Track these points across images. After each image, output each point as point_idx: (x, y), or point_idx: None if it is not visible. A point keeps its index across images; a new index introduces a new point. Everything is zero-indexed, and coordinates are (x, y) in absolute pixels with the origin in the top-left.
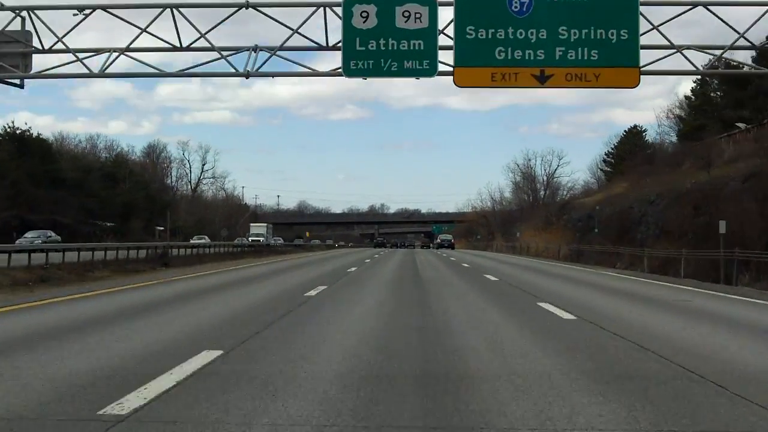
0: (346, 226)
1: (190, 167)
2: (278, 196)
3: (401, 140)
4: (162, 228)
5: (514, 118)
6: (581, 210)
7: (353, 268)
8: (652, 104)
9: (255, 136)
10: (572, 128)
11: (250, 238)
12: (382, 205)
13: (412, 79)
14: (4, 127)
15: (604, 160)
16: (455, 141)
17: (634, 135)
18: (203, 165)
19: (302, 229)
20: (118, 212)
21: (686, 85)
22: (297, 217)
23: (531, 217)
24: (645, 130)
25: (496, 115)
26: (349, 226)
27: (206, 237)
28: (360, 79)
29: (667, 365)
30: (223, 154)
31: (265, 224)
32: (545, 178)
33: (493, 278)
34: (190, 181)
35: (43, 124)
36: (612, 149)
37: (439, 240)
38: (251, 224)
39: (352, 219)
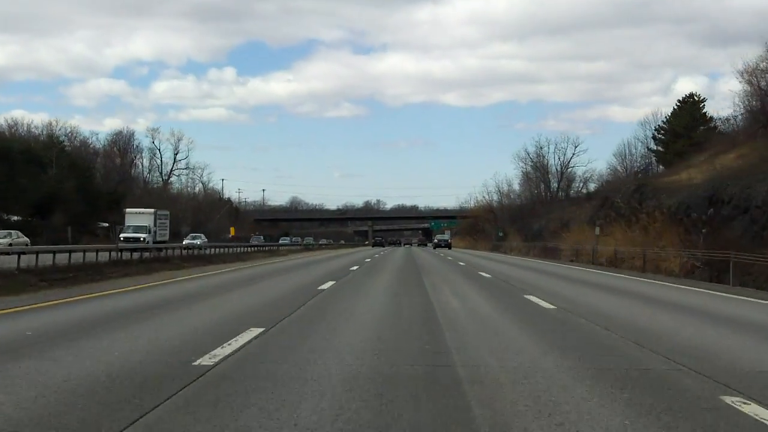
0: (339, 223)
1: (161, 157)
2: (263, 190)
3: (397, 137)
4: (107, 224)
5: (510, 114)
6: (680, 193)
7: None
8: (648, 101)
9: (251, 134)
10: (568, 125)
11: (121, 236)
12: (378, 201)
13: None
14: None
15: (654, 137)
16: (453, 138)
17: (690, 106)
18: (175, 154)
19: (291, 226)
20: (36, 204)
21: (683, 82)
22: (286, 213)
23: (548, 210)
24: (704, 100)
25: (493, 112)
26: (343, 223)
27: (17, 233)
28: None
29: None
30: (219, 151)
31: (152, 210)
32: (559, 168)
33: None
34: (161, 173)
35: (36, 122)
36: (663, 124)
37: (436, 240)
38: (126, 210)
39: (345, 215)
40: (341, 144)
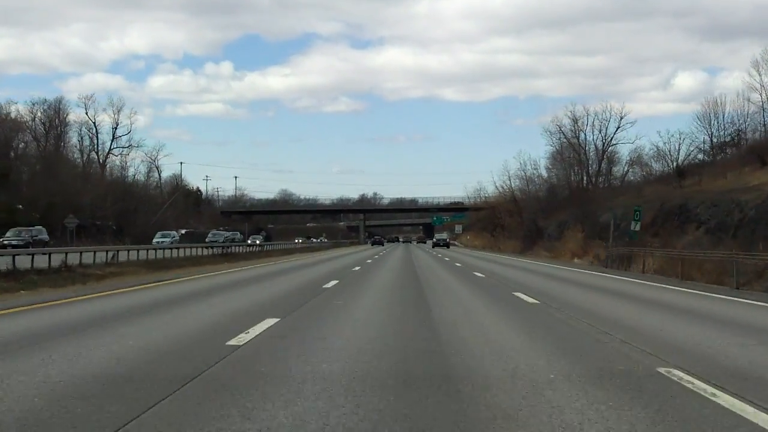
0: (332, 218)
1: (97, 132)
2: (236, 178)
3: (396, 132)
4: None
5: (509, 110)
6: None
7: None
8: (646, 96)
9: (248, 129)
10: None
11: None
12: (374, 194)
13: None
14: None
15: None
16: (452, 133)
17: None
18: (114, 129)
19: (273, 220)
20: None
21: (681, 77)
22: (263, 206)
23: (608, 196)
24: None
25: (491, 107)
26: (336, 218)
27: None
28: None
29: None
30: (216, 146)
31: None
32: (601, 145)
33: None
34: (96, 150)
35: None
36: None
37: (435, 239)
38: None
39: (337, 207)
40: (340, 139)
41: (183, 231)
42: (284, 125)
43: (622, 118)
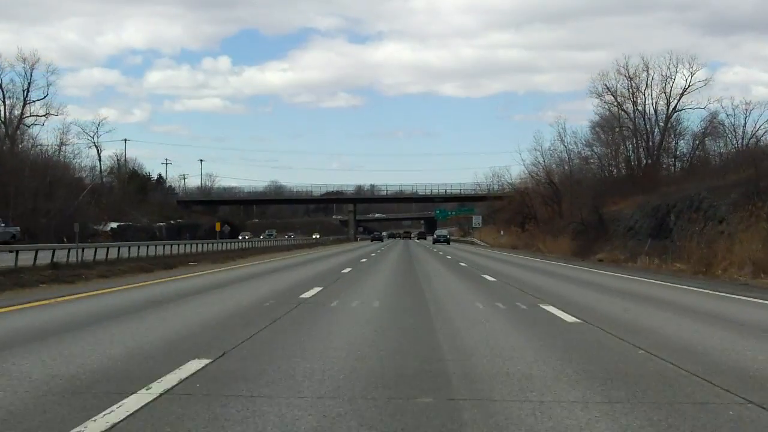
0: (324, 212)
1: (3, 95)
2: (201, 161)
3: (396, 127)
4: None
5: (508, 106)
6: None
7: None
8: (646, 91)
9: (246, 125)
10: (568, 116)
11: None
12: (372, 186)
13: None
14: None
15: None
16: (452, 129)
17: None
18: (26, 91)
19: (261, 213)
20: None
21: (680, 75)
22: (257, 198)
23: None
24: None
25: (491, 103)
26: (329, 212)
27: None
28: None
29: None
30: (215, 141)
31: None
32: (665, 109)
33: None
34: (4, 120)
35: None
36: None
37: (435, 235)
38: None
39: (325, 198)
40: (338, 134)
41: (113, 225)
42: (282, 121)
43: (692, 74)
